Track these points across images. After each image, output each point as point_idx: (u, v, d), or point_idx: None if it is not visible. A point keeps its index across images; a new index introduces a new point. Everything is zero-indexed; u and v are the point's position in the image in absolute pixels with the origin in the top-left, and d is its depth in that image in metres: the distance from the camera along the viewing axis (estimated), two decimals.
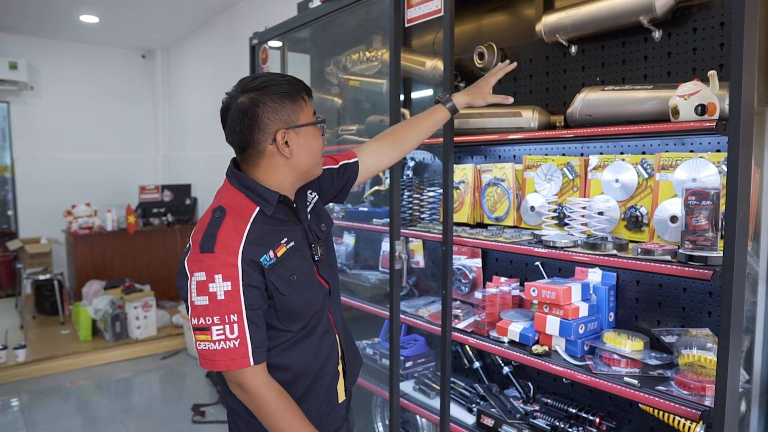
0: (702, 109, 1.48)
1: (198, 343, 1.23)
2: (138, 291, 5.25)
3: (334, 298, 1.48)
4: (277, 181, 1.34)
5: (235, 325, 1.21)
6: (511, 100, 1.86)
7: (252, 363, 1.23)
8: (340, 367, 1.47)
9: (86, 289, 5.41)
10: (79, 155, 7.03)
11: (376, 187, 2.88)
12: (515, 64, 1.85)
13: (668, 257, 1.56)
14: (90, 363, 4.70)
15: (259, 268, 1.25)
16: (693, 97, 1.50)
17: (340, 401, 1.47)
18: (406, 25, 2.25)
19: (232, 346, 1.21)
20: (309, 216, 1.44)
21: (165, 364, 4.74)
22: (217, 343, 1.21)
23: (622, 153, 1.98)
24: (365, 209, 2.75)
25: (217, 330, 1.20)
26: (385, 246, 2.96)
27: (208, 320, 1.21)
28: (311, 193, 1.50)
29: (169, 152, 7.40)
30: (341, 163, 1.65)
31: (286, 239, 1.31)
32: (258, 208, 1.30)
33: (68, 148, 6.97)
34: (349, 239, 3.30)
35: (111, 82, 7.19)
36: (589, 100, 1.84)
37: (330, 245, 1.52)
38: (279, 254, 1.28)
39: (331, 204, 3.18)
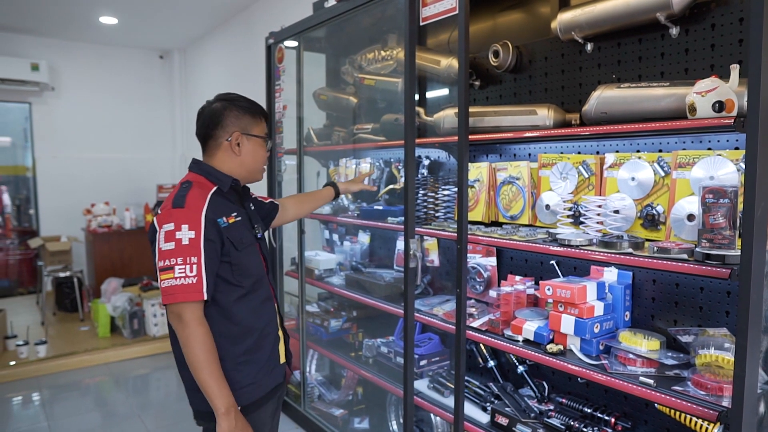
0: (720, 106, 1.47)
1: (162, 281, 1.51)
2: (155, 289, 5.30)
3: (270, 273, 1.82)
4: (228, 170, 1.71)
5: (194, 266, 1.50)
6: (375, 188, 2.58)
7: (205, 297, 1.51)
8: (280, 333, 1.80)
9: (105, 287, 5.48)
10: (98, 155, 7.12)
11: (391, 186, 2.88)
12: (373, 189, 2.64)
13: (685, 256, 1.54)
14: (108, 359, 4.75)
15: (216, 227, 1.57)
16: (711, 93, 1.49)
17: (281, 362, 1.78)
18: (421, 24, 2.25)
19: (190, 282, 1.49)
20: (252, 208, 1.83)
21: None
22: (178, 279, 1.49)
23: (638, 151, 1.96)
24: (380, 208, 2.76)
25: (179, 269, 1.49)
26: (400, 244, 2.96)
27: (173, 261, 1.50)
28: (251, 204, 1.88)
29: (186, 151, 7.46)
30: (269, 201, 2.12)
31: (235, 213, 1.66)
32: (216, 186, 1.66)
33: (88, 148, 7.07)
34: (364, 238, 3.31)
35: (129, 83, 7.27)
36: (605, 97, 1.83)
37: (266, 237, 1.93)
38: (230, 222, 1.62)
39: (345, 202, 3.21)
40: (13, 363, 4.41)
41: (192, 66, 7.15)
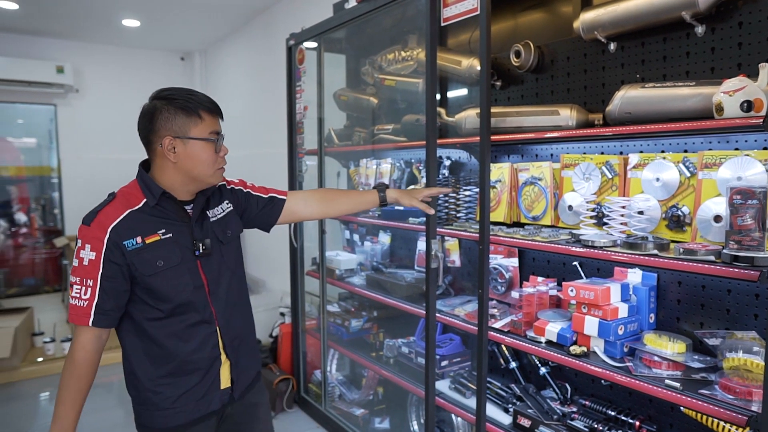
0: (748, 106, 1.44)
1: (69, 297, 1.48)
2: None
3: (219, 294, 1.60)
4: (169, 180, 1.53)
5: (89, 289, 1.44)
6: (432, 210, 2.08)
7: (90, 324, 1.44)
8: (223, 357, 1.61)
9: None
10: (121, 155, 7.21)
11: (412, 187, 2.89)
12: (450, 189, 2.14)
13: (712, 257, 1.53)
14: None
15: (120, 250, 1.45)
16: (738, 93, 1.47)
17: (222, 386, 1.61)
18: (442, 24, 2.25)
19: (81, 305, 1.45)
20: (211, 219, 1.63)
21: None
22: (73, 299, 1.45)
23: (663, 151, 1.94)
24: (401, 208, 2.76)
25: (76, 288, 1.45)
26: (421, 245, 2.96)
27: (73, 279, 1.46)
28: (227, 204, 1.72)
29: None
30: (270, 194, 1.87)
31: (164, 230, 1.51)
32: (145, 200, 1.52)
33: (111, 148, 7.17)
34: (384, 238, 3.32)
35: (151, 84, 7.29)
36: (629, 97, 1.81)
37: (234, 250, 1.70)
38: (148, 241, 1.48)
39: None
40: (40, 359, 4.51)
41: (213, 67, 7.21)
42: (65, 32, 6.41)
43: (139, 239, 1.47)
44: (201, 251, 1.55)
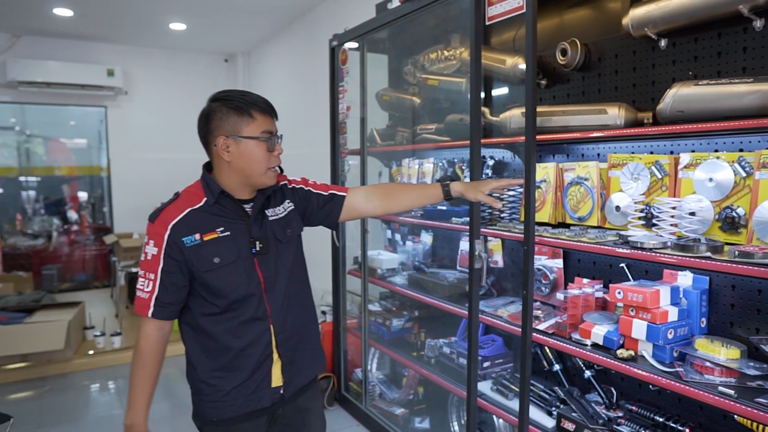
0: None
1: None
2: None
3: (275, 292, 1.62)
4: (226, 179, 1.58)
5: (150, 282, 1.52)
6: (499, 204, 1.83)
7: (149, 315, 1.53)
8: (275, 355, 1.63)
9: None
10: (167, 155, 7.42)
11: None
12: (520, 182, 1.87)
13: None
14: (176, 352, 4.86)
15: (179, 246, 1.51)
16: None
17: (273, 385, 1.63)
18: (487, 23, 2.24)
19: (143, 296, 1.53)
20: (270, 218, 1.65)
21: None
22: (138, 291, 1.54)
23: (716, 150, 1.88)
24: (444, 208, 2.76)
25: (140, 281, 1.54)
26: (464, 245, 2.95)
27: (140, 272, 1.55)
28: (288, 203, 1.74)
29: None
30: (330, 191, 1.85)
31: (222, 228, 1.55)
32: (204, 199, 1.57)
33: (158, 149, 7.38)
34: (426, 238, 3.32)
35: (196, 86, 7.54)
36: (681, 95, 1.76)
37: (293, 249, 1.70)
38: (206, 238, 1.53)
39: None
40: (91, 352, 4.68)
41: (256, 69, 7.34)
42: (115, 37, 6.64)
43: (197, 236, 1.52)
44: (258, 249, 1.58)
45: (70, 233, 7.46)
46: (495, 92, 2.79)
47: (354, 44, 3.32)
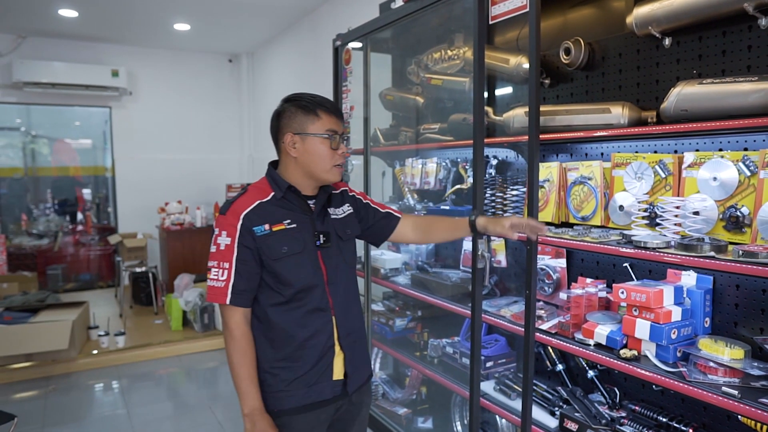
0: None
1: (207, 280, 1.64)
2: None
3: (337, 285, 1.72)
4: (292, 174, 1.69)
5: (225, 271, 1.59)
6: (515, 237, 1.84)
7: (227, 302, 1.59)
8: (337, 347, 1.70)
9: (178, 282, 5.73)
10: (171, 155, 7.44)
11: (458, 186, 2.88)
12: (544, 229, 1.77)
13: None
14: (180, 351, 4.97)
15: (251, 235, 1.60)
16: None
17: (334, 377, 1.70)
18: (490, 23, 2.23)
19: (219, 285, 1.60)
20: (332, 216, 1.76)
21: None
22: (212, 281, 1.61)
23: (720, 149, 1.87)
24: (447, 207, 2.75)
25: (214, 271, 1.61)
26: (467, 245, 2.94)
27: (211, 263, 1.62)
28: (348, 207, 1.84)
29: (254, 152, 7.69)
30: (386, 211, 1.96)
31: (288, 221, 1.65)
32: (272, 193, 1.67)
33: (162, 149, 7.40)
34: None
35: (200, 86, 7.56)
36: (685, 94, 1.75)
37: (351, 249, 1.82)
38: (274, 229, 1.62)
39: (412, 202, 3.22)
40: (95, 352, 4.70)
41: (260, 69, 7.35)
42: (120, 37, 6.66)
43: (267, 227, 1.62)
44: (321, 242, 1.68)
45: (75, 233, 7.49)
46: (498, 91, 2.79)
47: (357, 44, 3.32)
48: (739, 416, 1.57)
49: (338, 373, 1.70)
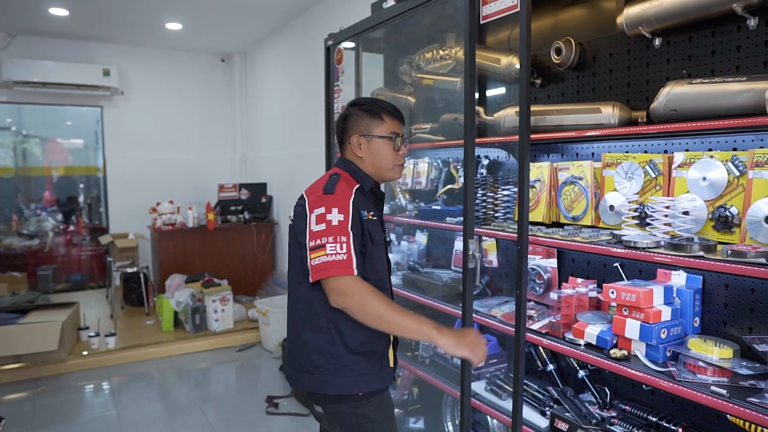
0: None
1: (313, 260, 1.59)
2: (216, 285, 5.47)
3: (390, 278, 1.86)
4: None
5: (344, 245, 1.58)
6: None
7: (355, 272, 1.57)
8: (391, 336, 1.80)
9: (169, 282, 5.70)
10: (163, 155, 7.41)
11: (450, 186, 2.87)
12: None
13: (763, 260, 1.47)
14: (172, 352, 4.95)
15: (360, 217, 1.66)
16: None
17: (390, 365, 1.81)
18: (481, 22, 2.23)
19: (341, 258, 1.57)
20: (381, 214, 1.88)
21: (241, 356, 4.92)
22: (329, 256, 1.57)
23: (710, 149, 1.87)
24: (438, 207, 2.75)
25: (330, 247, 1.57)
26: (458, 245, 2.94)
27: (324, 240, 1.58)
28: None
29: (246, 152, 7.66)
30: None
31: (373, 212, 1.73)
32: (359, 184, 1.75)
33: (154, 149, 7.36)
34: (421, 238, 3.31)
35: (192, 86, 7.53)
36: (675, 94, 1.76)
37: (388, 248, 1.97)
38: (369, 217, 1.70)
39: (403, 202, 3.21)
40: (85, 353, 4.66)
41: (252, 68, 7.33)
42: (111, 36, 6.63)
43: (366, 213, 1.70)
44: (388, 239, 1.84)
45: (66, 233, 7.44)
46: (490, 92, 2.79)
47: (349, 44, 3.31)
48: (728, 415, 1.57)
49: (391, 360, 1.82)
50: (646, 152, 2.09)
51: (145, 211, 6.69)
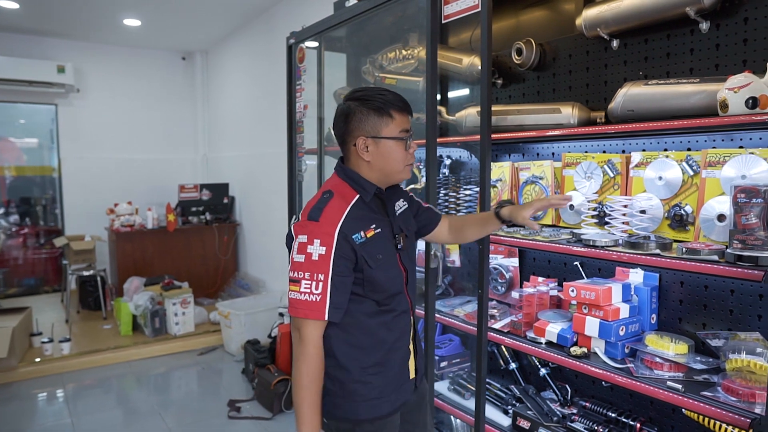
0: (753, 102, 1.42)
1: (290, 292, 1.48)
2: (177, 288, 5.35)
3: (411, 284, 1.67)
4: (365, 176, 1.57)
5: (320, 284, 1.45)
6: (537, 227, 1.78)
7: (326, 318, 1.45)
8: (411, 346, 1.67)
9: (127, 286, 5.54)
10: (121, 155, 7.21)
11: (412, 186, 2.86)
12: (570, 197, 1.76)
13: (715, 257, 1.50)
14: (130, 357, 4.80)
15: (350, 244, 1.47)
16: (743, 89, 1.44)
17: (410, 377, 1.66)
18: (443, 22, 2.23)
19: (314, 300, 1.45)
20: (397, 215, 1.66)
21: (202, 360, 4.82)
22: (303, 294, 1.45)
23: (665, 150, 1.91)
24: None
25: (305, 284, 1.45)
26: (421, 244, 2.93)
27: (300, 275, 1.46)
28: (403, 201, 1.73)
29: (208, 152, 7.52)
30: (428, 206, 1.87)
31: (375, 225, 1.54)
32: (358, 195, 1.55)
33: (112, 149, 7.16)
34: None
35: (152, 84, 7.35)
36: (631, 95, 1.79)
37: (413, 244, 1.76)
38: (368, 235, 1.51)
39: None
40: (38, 360, 4.49)
41: (214, 67, 7.20)
42: (66, 32, 6.41)
43: (362, 233, 1.50)
44: (401, 245, 1.62)
45: (18, 236, 7.17)
46: (452, 92, 2.79)
47: (312, 43, 3.27)
48: (684, 410, 1.61)
49: (412, 371, 1.68)
50: (604, 152, 2.12)
51: (103, 212, 6.49)
